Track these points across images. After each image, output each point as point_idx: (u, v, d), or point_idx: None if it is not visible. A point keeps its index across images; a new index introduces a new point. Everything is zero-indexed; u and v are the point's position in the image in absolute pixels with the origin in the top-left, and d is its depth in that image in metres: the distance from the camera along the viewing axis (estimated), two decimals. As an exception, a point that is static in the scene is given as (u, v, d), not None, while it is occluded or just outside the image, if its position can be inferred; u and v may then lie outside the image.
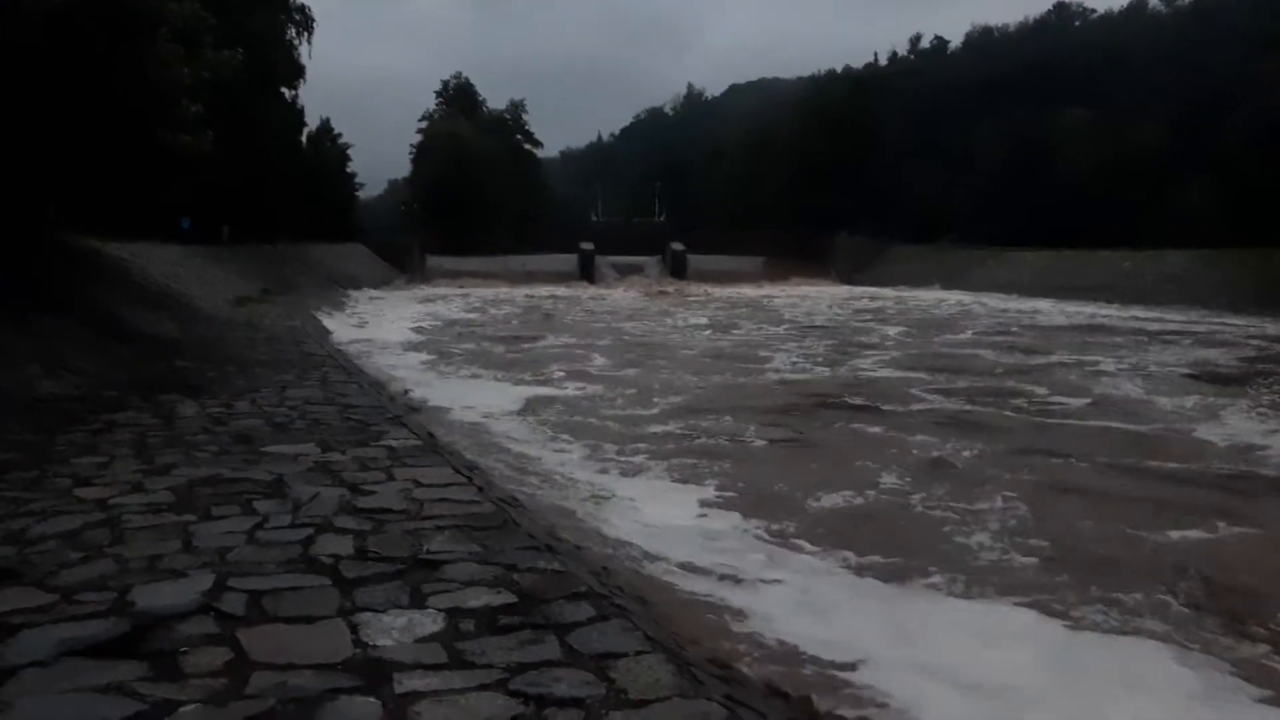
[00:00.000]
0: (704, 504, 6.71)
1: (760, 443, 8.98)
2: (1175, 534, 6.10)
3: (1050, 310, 28.82)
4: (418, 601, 3.33)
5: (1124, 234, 38.17)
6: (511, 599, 3.38)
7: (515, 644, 3.00)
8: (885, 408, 10.94)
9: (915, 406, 11.16)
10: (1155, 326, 22.94)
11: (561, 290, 40.32)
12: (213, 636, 2.99)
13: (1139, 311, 27.81)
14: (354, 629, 3.07)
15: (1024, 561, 5.56)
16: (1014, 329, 22.33)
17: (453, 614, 3.22)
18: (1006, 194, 46.63)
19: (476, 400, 10.78)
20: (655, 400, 11.32)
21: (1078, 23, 73.51)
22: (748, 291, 40.22)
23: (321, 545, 3.90)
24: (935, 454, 8.24)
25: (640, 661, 2.97)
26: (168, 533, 4.04)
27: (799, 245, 50.93)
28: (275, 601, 3.28)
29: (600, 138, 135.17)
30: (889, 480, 7.36)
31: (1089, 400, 11.64)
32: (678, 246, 50.41)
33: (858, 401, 11.44)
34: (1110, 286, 32.64)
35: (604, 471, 7.55)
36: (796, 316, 26.60)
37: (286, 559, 3.72)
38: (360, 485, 4.90)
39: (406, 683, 2.71)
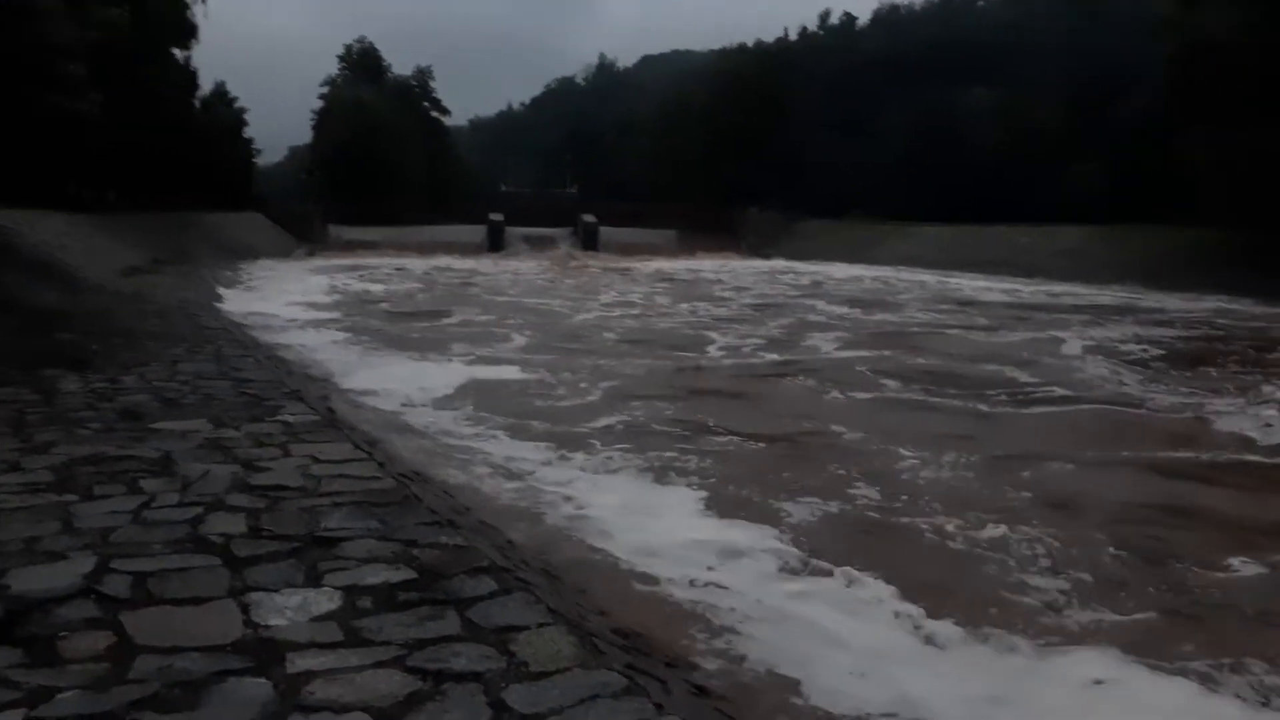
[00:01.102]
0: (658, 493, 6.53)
1: (718, 437, 8.30)
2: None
3: (965, 285, 29.62)
4: (313, 580, 3.27)
5: (1022, 210, 39.51)
6: (411, 575, 3.35)
7: (414, 620, 2.97)
8: (859, 395, 10.45)
9: (891, 394, 10.61)
10: (1069, 301, 23.84)
11: (471, 262, 39.72)
12: (94, 620, 2.88)
13: (1044, 286, 28.84)
14: (245, 609, 2.99)
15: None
16: (944, 305, 22.68)
17: (350, 592, 3.17)
18: (911, 170, 47.73)
19: (391, 383, 10.32)
20: (596, 386, 10.63)
21: (981, 2, 75.33)
22: (664, 265, 40.23)
23: (212, 524, 3.79)
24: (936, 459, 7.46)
25: (541, 634, 2.97)
26: (46, 513, 3.87)
27: (710, 219, 51.27)
28: (161, 583, 3.18)
29: (510, 107, 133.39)
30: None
31: (1085, 389, 11.13)
32: (589, 219, 50.20)
33: (833, 391, 10.68)
34: (1009, 261, 33.83)
35: (568, 496, 6.29)
36: (725, 293, 26.30)
37: (174, 539, 3.60)
38: (254, 462, 4.78)
39: (300, 662, 2.66)
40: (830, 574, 5.08)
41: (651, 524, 5.77)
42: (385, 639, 2.83)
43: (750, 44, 67.24)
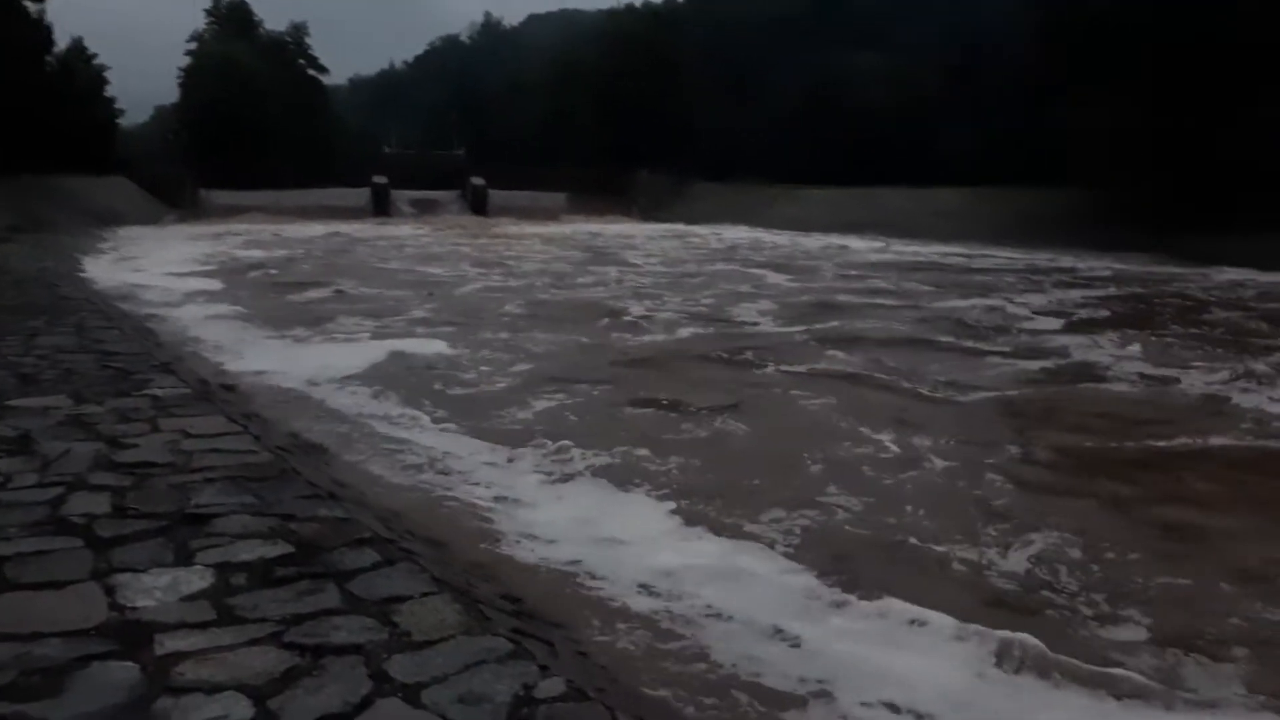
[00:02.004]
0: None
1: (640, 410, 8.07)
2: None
3: (862, 247, 30.11)
4: (184, 559, 3.17)
5: (904, 173, 40.62)
6: (289, 549, 3.28)
7: (291, 595, 2.92)
8: (816, 375, 9.85)
9: (852, 372, 10.05)
10: (984, 263, 24.44)
11: (355, 228, 38.55)
12: (-56, 610, 2.74)
13: (931, 247, 29.65)
14: (110, 591, 2.89)
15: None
16: (854, 270, 22.77)
17: (222, 569, 3.08)
18: (800, 134, 48.36)
19: (274, 359, 9.91)
20: (512, 366, 10.04)
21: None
22: (558, 229, 39.84)
23: (73, 504, 3.63)
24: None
25: (425, 603, 2.96)
26: (-113, 500, 3.64)
27: (601, 182, 51.06)
28: (18, 567, 3.04)
29: (392, 65, 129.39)
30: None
31: (1067, 360, 10.86)
32: (478, 181, 49.39)
33: (779, 365, 10.24)
34: (892, 223, 34.73)
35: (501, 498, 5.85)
36: (633, 259, 25.76)
37: (32, 521, 3.44)
38: (119, 439, 4.58)
39: (169, 644, 2.59)
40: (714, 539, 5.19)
41: (556, 500, 5.80)
42: (260, 616, 2.77)
43: (639, 4, 66.85)
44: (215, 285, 17.97)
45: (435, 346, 11.28)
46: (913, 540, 5.22)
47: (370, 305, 15.31)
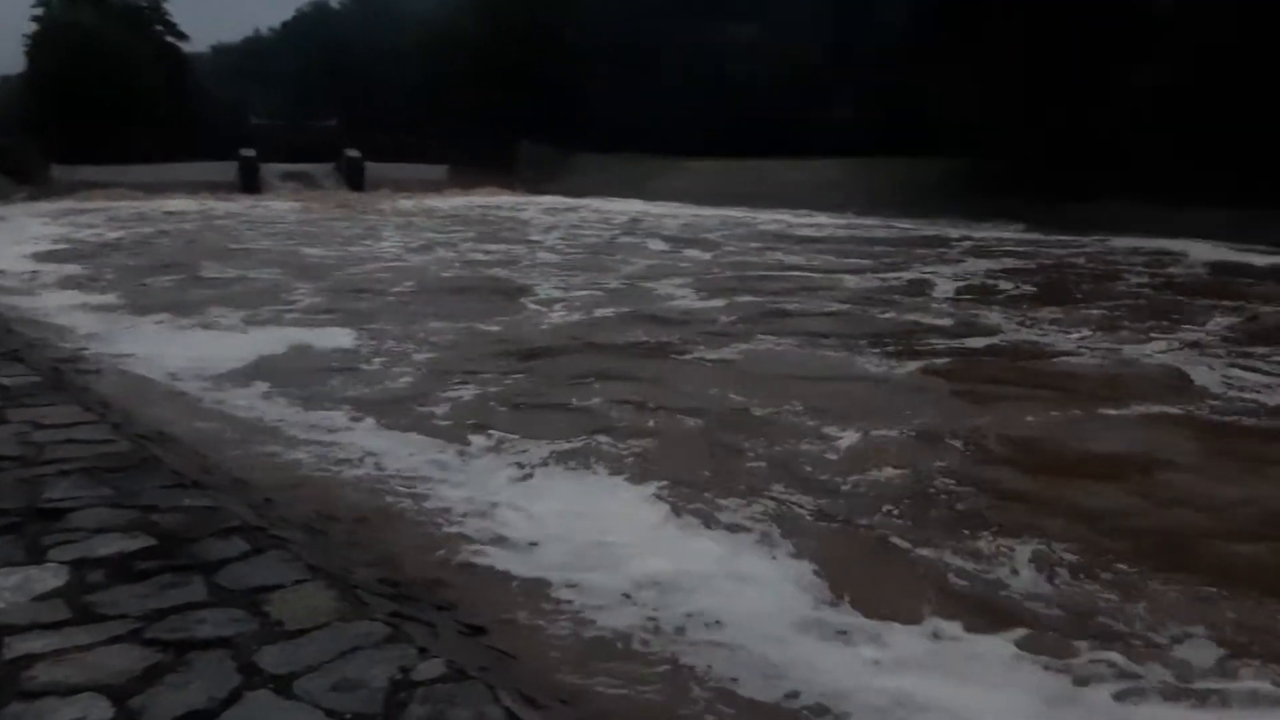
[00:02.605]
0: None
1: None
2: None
3: (758, 220, 30.25)
4: (35, 556, 3.03)
5: (787, 144, 41.29)
6: (150, 542, 3.16)
7: (152, 590, 2.82)
8: (752, 357, 9.55)
9: (787, 350, 9.86)
10: (872, 235, 24.72)
11: (222, 204, 36.90)
12: None
13: (817, 218, 30.13)
14: (-48, 595, 2.74)
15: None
16: (756, 242, 22.71)
17: (78, 566, 2.96)
18: (684, 105, 48.58)
19: (141, 346, 9.41)
20: (419, 354, 9.59)
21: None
22: (440, 202, 38.97)
23: (-91, 505, 3.42)
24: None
25: (298, 591, 2.90)
26: None
27: (483, 153, 50.25)
28: None
29: (258, 32, 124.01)
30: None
31: (1009, 336, 10.76)
32: (353, 153, 48.00)
33: (711, 347, 9.87)
34: (777, 195, 35.26)
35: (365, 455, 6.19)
36: (533, 234, 25.14)
37: None
38: (-39, 432, 4.32)
39: (19, 646, 2.48)
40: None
41: (454, 478, 5.80)
42: (120, 612, 2.67)
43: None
44: (72, 269, 17.01)
45: (327, 334, 10.65)
46: (902, 543, 4.94)
47: (244, 289, 14.48)
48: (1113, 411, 7.44)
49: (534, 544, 4.85)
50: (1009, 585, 4.50)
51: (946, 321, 11.72)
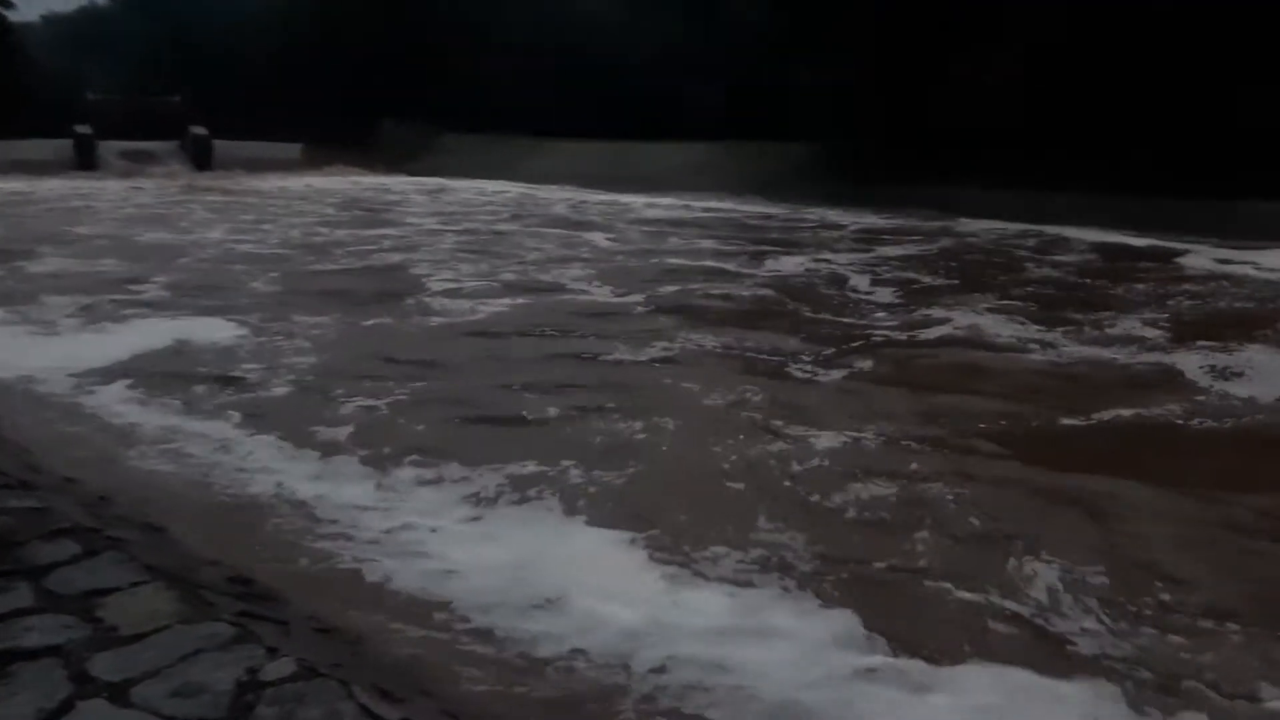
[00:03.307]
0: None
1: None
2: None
3: (638, 203, 30.10)
4: None
5: (654, 127, 41.62)
6: (-31, 548, 2.97)
7: (-28, 599, 2.66)
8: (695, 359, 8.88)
9: (722, 353, 9.16)
10: (753, 220, 24.65)
11: (56, 185, 34.52)
12: None
13: (690, 200, 30.30)
14: None
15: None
16: (648, 227, 22.30)
17: (-114, 579, 2.75)
18: (549, 85, 48.35)
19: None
20: (306, 356, 8.75)
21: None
22: (296, 183, 37.55)
23: None
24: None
25: (135, 594, 2.80)
26: None
27: (339, 132, 48.85)
28: None
29: (93, 1, 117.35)
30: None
31: (950, 330, 10.33)
32: (200, 130, 45.87)
33: (635, 347, 9.19)
34: (650, 177, 35.47)
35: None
36: (409, 218, 24.02)
37: None
38: None
39: None
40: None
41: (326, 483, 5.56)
42: (-65, 626, 2.51)
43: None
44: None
45: (190, 329, 9.77)
46: (919, 576, 4.55)
47: (83, 280, 13.26)
48: (1118, 413, 7.11)
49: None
50: (1055, 615, 4.20)
51: (886, 316, 11.20)
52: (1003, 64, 25.11)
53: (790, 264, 15.82)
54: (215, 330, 9.90)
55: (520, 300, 12.16)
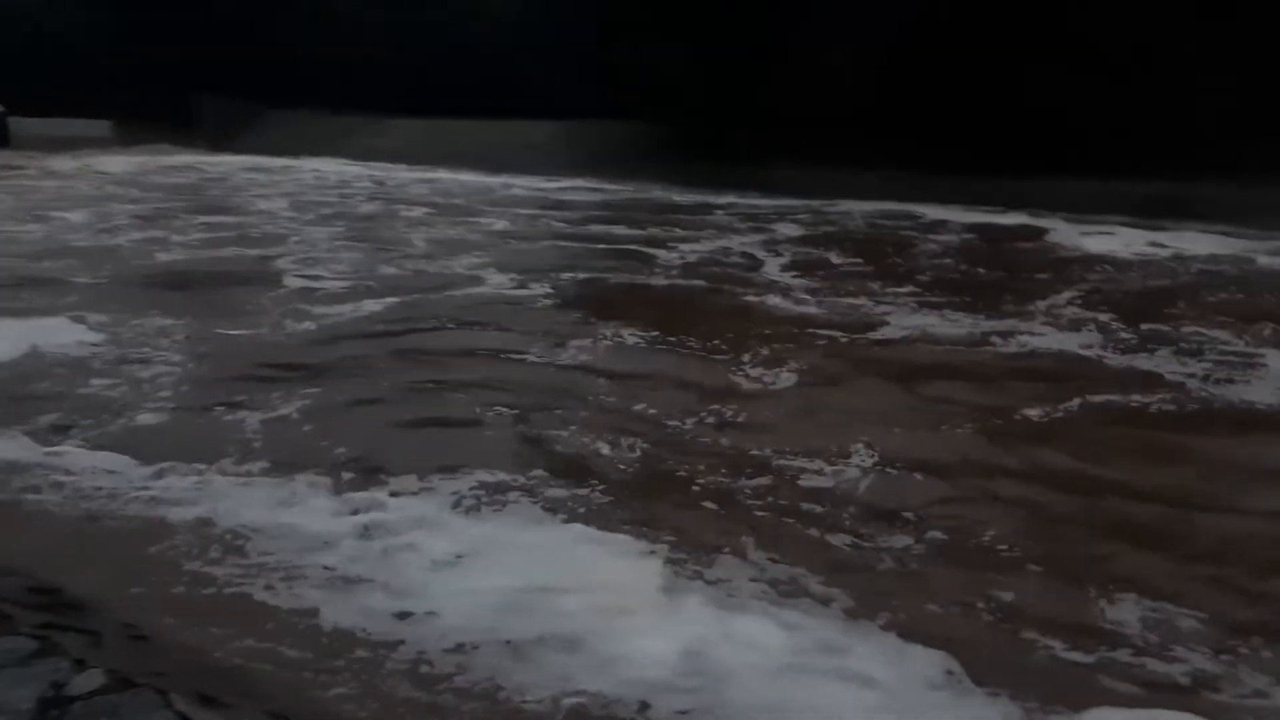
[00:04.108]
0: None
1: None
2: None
3: (499, 184, 29.37)
4: None
5: (491, 104, 41.12)
6: None
7: None
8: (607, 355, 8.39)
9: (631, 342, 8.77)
10: (615, 200, 24.34)
11: None
12: None
13: (547, 181, 29.83)
14: None
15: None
16: (523, 210, 21.60)
17: None
18: (390, 62, 47.16)
19: None
20: (162, 370, 7.94)
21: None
22: (116, 163, 34.82)
23: None
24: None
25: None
26: None
27: (153, 108, 46.06)
28: None
29: None
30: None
31: (889, 320, 9.92)
32: (-4, 107, 42.53)
33: (559, 343, 8.63)
34: (490, 156, 34.95)
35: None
36: (236, 201, 22.42)
37: None
38: None
39: None
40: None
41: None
42: None
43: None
44: None
45: (25, 334, 8.79)
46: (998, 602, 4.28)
47: None
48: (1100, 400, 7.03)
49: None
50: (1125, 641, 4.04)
51: (815, 306, 10.73)
52: (841, 45, 25.74)
53: (685, 248, 15.37)
54: (56, 335, 8.92)
55: (412, 294, 11.27)
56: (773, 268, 13.30)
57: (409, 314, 10.29)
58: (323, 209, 21.38)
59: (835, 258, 14.41)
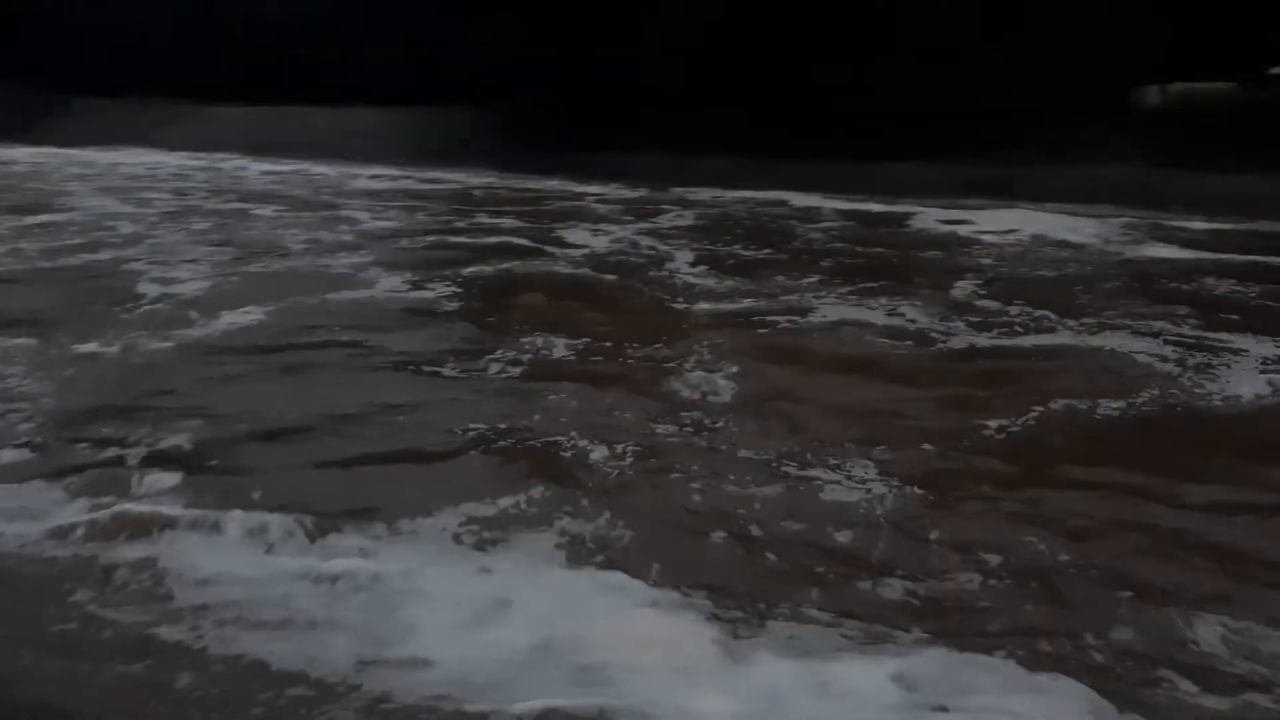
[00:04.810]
0: None
1: None
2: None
3: (337, 175, 28.31)
4: None
5: (319, 91, 39.49)
6: None
7: None
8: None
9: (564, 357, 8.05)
10: (481, 193, 23.64)
11: None
12: None
13: (382, 169, 29.29)
14: None
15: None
16: (396, 203, 20.80)
17: None
18: (197, 45, 44.45)
19: None
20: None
21: None
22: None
23: None
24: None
25: None
26: None
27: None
28: None
29: None
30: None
31: (825, 319, 9.54)
32: None
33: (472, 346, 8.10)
34: (319, 145, 34.06)
35: None
36: (73, 199, 20.43)
37: None
38: None
39: None
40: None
41: None
42: None
43: None
44: None
45: None
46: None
47: None
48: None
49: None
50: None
51: (748, 302, 10.23)
52: (659, 27, 25.60)
53: (576, 239, 14.66)
54: None
55: (295, 299, 10.25)
56: (681, 263, 12.75)
57: (304, 322, 9.39)
58: (162, 206, 19.63)
59: (741, 249, 14.01)
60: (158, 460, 5.76)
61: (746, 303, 10.26)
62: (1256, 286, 10.41)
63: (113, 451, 5.93)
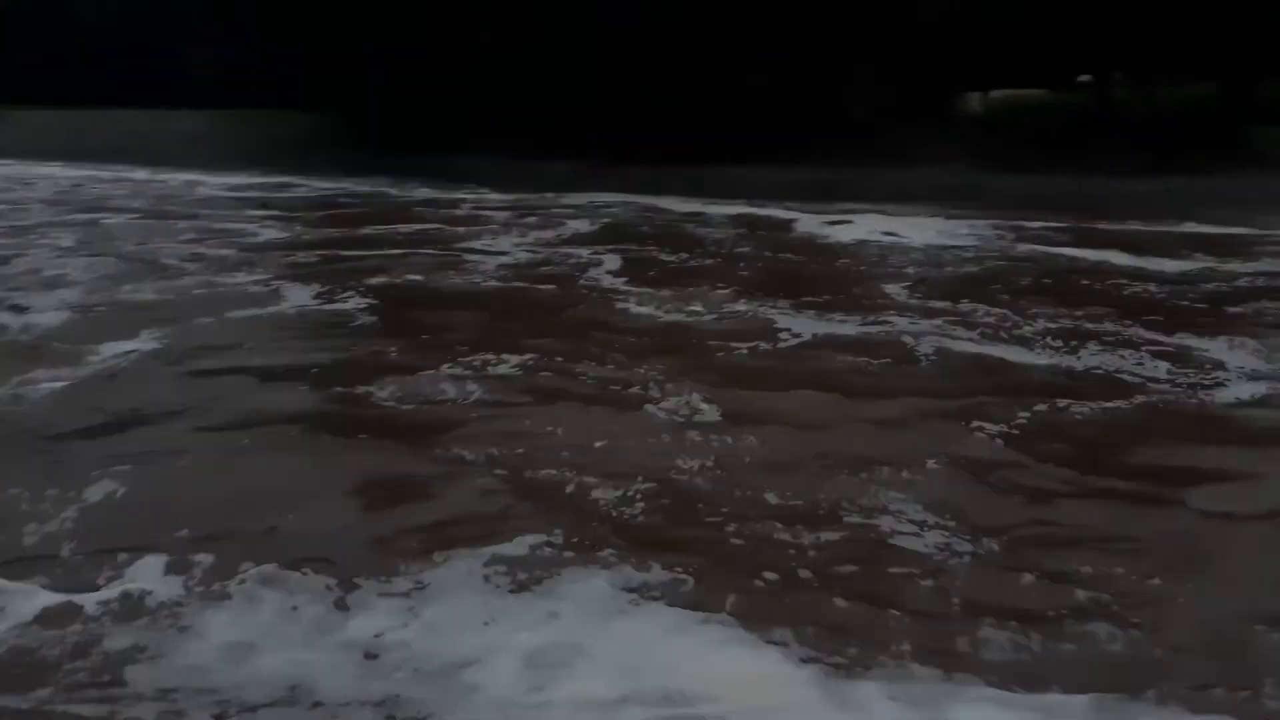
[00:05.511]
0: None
1: None
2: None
3: (161, 181, 26.51)
4: None
5: (137, 93, 38.51)
6: None
7: None
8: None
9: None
10: (350, 200, 22.09)
11: None
12: None
13: (206, 175, 27.52)
14: None
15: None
16: (248, 212, 19.29)
17: None
18: (2, 44, 41.71)
19: None
20: None
21: None
22: None
23: None
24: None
25: None
26: None
27: None
28: None
29: None
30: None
31: (754, 323, 9.06)
32: None
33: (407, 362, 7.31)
34: (138, 149, 32.62)
35: None
36: None
37: None
38: None
39: None
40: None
41: None
42: None
43: None
44: None
45: None
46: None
47: None
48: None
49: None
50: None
51: (689, 315, 9.56)
52: (494, 33, 25.29)
53: (481, 246, 14.04)
54: None
55: (209, 319, 9.31)
56: (601, 271, 12.09)
57: (218, 342, 8.38)
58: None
59: (658, 254, 13.49)
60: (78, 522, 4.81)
61: (701, 316, 9.56)
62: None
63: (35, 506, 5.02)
